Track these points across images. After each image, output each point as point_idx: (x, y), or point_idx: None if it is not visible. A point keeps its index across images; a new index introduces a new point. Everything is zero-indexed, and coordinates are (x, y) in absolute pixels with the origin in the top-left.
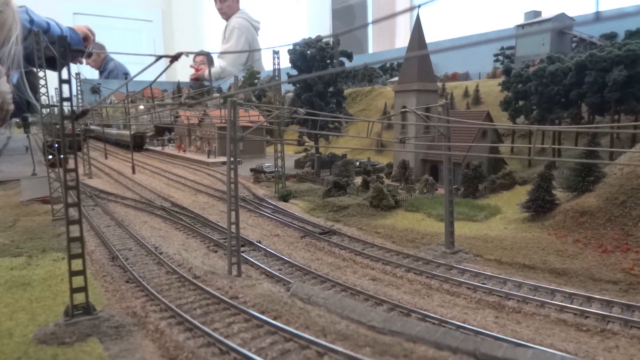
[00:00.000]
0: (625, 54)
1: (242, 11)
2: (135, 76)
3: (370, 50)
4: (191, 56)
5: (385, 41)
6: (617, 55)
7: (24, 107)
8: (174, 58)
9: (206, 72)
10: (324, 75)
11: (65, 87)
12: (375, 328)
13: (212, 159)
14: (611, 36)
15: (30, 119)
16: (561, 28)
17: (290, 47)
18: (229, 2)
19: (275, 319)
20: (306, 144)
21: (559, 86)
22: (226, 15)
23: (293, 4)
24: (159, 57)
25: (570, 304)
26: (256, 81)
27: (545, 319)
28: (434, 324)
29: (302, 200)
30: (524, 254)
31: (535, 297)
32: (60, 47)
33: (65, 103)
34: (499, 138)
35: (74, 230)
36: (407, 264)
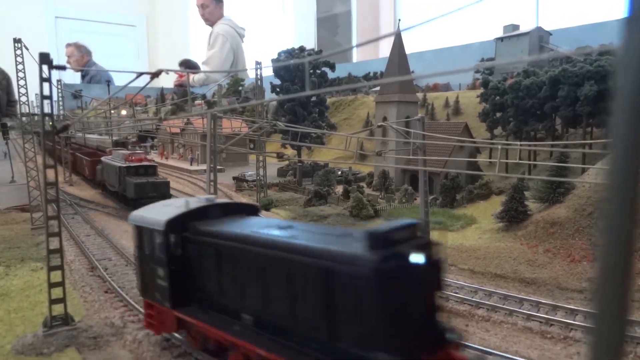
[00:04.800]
0: (595, 69)
1: (226, 18)
2: (115, 93)
3: (355, 60)
4: (175, 60)
5: (369, 50)
6: (588, 71)
7: None
8: (154, 75)
9: (191, 79)
10: (305, 85)
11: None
12: None
13: (194, 167)
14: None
15: (9, 124)
16: (536, 58)
17: (276, 58)
18: (211, 9)
19: None
20: (285, 156)
21: (534, 99)
22: (209, 21)
23: (279, 12)
24: (140, 74)
25: (537, 312)
26: (240, 88)
27: (513, 327)
28: None
29: (283, 210)
30: (496, 263)
31: (504, 306)
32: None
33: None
34: (477, 149)
35: (54, 242)
36: None
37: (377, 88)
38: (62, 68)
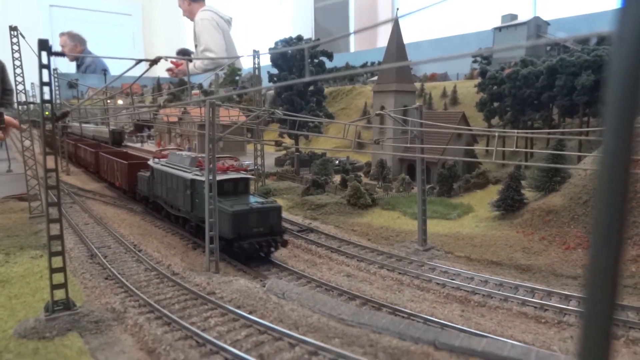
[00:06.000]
0: (593, 59)
1: (207, 7)
2: (114, 80)
3: (352, 49)
4: (171, 50)
5: (367, 40)
6: (586, 61)
7: None
8: (153, 62)
9: (191, 66)
10: (303, 74)
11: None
12: (344, 321)
13: None
14: (584, 40)
15: (5, 114)
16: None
17: (274, 47)
18: (182, 5)
19: (250, 313)
20: (284, 144)
21: (532, 89)
22: (187, 16)
23: (275, 2)
24: (139, 61)
25: (532, 298)
26: (237, 78)
27: (508, 312)
28: (403, 317)
29: (281, 198)
30: (492, 251)
31: (499, 292)
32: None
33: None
34: (474, 138)
35: (54, 228)
36: (380, 260)
37: (375, 77)
38: (62, 55)
